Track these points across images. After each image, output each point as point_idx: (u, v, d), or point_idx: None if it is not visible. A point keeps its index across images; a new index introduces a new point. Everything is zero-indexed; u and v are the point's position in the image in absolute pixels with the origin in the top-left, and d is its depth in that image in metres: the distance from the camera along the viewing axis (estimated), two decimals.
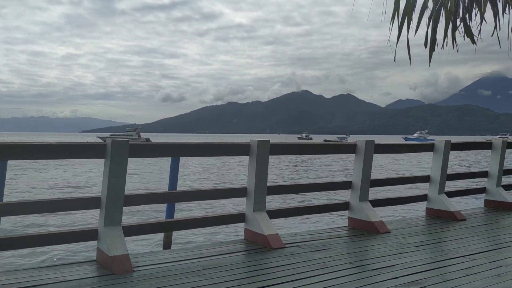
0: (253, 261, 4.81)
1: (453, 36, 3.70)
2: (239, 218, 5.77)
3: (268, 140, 5.64)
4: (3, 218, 5.18)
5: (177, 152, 5.98)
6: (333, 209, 7.09)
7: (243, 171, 31.22)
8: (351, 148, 6.67)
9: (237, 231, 11.21)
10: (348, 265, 4.63)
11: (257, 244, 5.41)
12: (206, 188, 12.39)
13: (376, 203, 6.88)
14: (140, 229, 5.27)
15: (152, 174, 30.55)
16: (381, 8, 3.66)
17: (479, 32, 3.79)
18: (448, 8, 3.59)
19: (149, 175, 29.84)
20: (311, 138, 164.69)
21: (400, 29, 3.69)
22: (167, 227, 6.36)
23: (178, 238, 10.90)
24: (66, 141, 4.64)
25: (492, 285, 4.09)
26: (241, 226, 5.83)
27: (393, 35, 3.67)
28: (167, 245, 7.78)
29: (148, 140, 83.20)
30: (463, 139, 11.35)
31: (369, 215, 6.35)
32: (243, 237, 5.75)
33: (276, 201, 15.23)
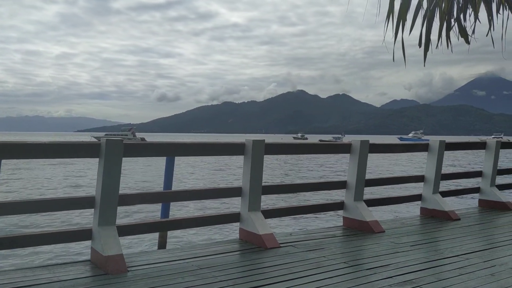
0: (248, 260, 4.81)
1: (448, 36, 3.71)
2: (234, 217, 5.76)
3: (263, 140, 5.64)
4: None
5: (172, 151, 5.97)
6: (328, 208, 7.10)
7: (238, 171, 31.21)
8: (346, 148, 6.68)
9: (232, 231, 11.21)
10: (342, 265, 4.64)
11: (252, 243, 5.40)
12: (201, 188, 12.37)
13: (370, 202, 6.90)
14: (135, 229, 5.25)
15: (146, 174, 30.48)
16: (376, 8, 3.66)
17: (473, 32, 3.80)
18: (442, 8, 3.60)
19: (144, 175, 29.77)
20: (306, 138, 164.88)
21: (396, 29, 3.70)
22: (161, 227, 6.34)
23: (173, 238, 10.88)
24: (60, 141, 4.62)
25: (486, 284, 4.11)
26: (236, 226, 5.83)
27: (388, 35, 3.68)
28: (162, 245, 7.76)
29: (143, 139, 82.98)
30: (458, 139, 11.40)
31: (364, 215, 6.37)
32: (238, 236, 5.75)
33: (271, 201, 15.23)
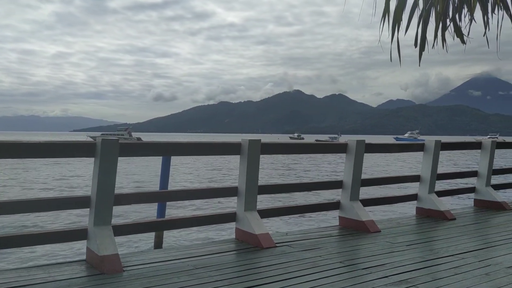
0: (244, 260, 4.81)
1: (443, 36, 3.72)
2: (230, 217, 5.76)
3: (259, 140, 5.64)
4: None
5: (168, 151, 5.96)
6: (324, 208, 7.10)
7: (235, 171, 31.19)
8: (342, 148, 6.69)
9: (228, 231, 11.20)
10: (338, 264, 4.64)
11: (248, 243, 5.40)
12: (197, 188, 12.38)
13: (366, 202, 6.90)
14: (131, 229, 5.24)
15: (143, 174, 30.43)
16: (372, 8, 3.67)
17: (468, 32, 3.81)
18: (438, 8, 3.61)
19: (141, 176, 29.72)
20: (303, 138, 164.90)
21: (393, 29, 3.70)
22: (157, 227, 6.34)
23: (169, 237, 10.87)
24: (55, 140, 4.60)
25: (481, 283, 4.12)
26: (232, 226, 5.83)
27: (384, 35, 3.69)
28: (158, 245, 7.76)
29: (139, 139, 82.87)
30: (453, 139, 11.43)
31: (360, 215, 6.38)
32: (234, 236, 5.75)
33: (267, 201, 15.23)
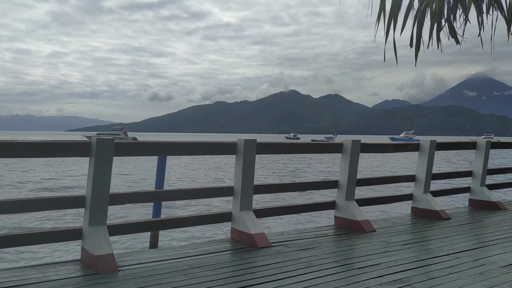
0: (239, 260, 4.81)
1: (438, 37, 3.73)
2: (226, 217, 5.75)
3: (255, 139, 5.64)
4: None
5: (163, 151, 5.95)
6: (320, 208, 7.11)
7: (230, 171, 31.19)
8: (338, 148, 6.70)
9: (223, 230, 11.19)
10: (334, 264, 4.65)
11: (243, 243, 5.40)
12: (193, 187, 12.36)
13: (362, 202, 6.92)
14: (126, 229, 5.22)
15: (139, 174, 30.38)
16: (368, 8, 3.67)
17: (463, 32, 3.83)
18: (433, 8, 3.62)
19: (136, 176, 29.66)
20: (298, 138, 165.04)
21: (387, 29, 3.71)
22: (153, 227, 6.32)
23: (164, 237, 10.85)
24: (50, 140, 4.58)
25: (475, 283, 4.14)
26: (228, 225, 5.82)
27: (379, 35, 3.69)
28: (154, 245, 7.75)
29: (135, 139, 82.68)
30: (449, 139, 11.48)
31: (355, 214, 6.39)
32: (229, 236, 5.74)
33: (263, 200, 15.23)
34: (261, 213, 6.05)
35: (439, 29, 3.73)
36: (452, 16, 3.82)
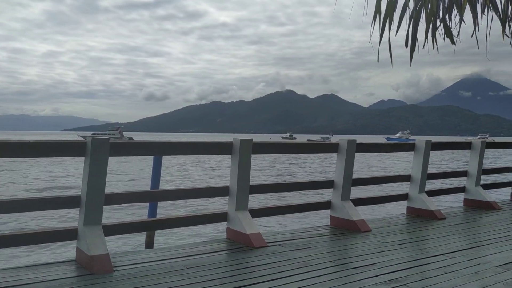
0: (235, 260, 4.80)
1: (433, 37, 3.74)
2: (222, 217, 5.75)
3: (251, 139, 5.64)
4: None
5: (159, 150, 5.93)
6: (315, 208, 7.11)
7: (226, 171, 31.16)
8: (333, 148, 6.71)
9: (219, 230, 11.18)
10: (329, 264, 4.66)
11: (239, 243, 5.40)
12: (188, 187, 12.35)
13: (357, 202, 6.93)
14: (121, 229, 5.21)
15: (135, 174, 30.31)
16: (364, 9, 3.67)
17: (458, 33, 3.84)
18: (428, 8, 3.63)
19: (132, 175, 29.60)
20: (294, 138, 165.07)
21: (382, 29, 3.71)
22: (148, 227, 6.31)
23: (160, 237, 10.83)
24: (45, 139, 4.56)
25: (470, 282, 4.16)
26: (224, 225, 5.82)
27: (375, 35, 3.69)
28: (149, 245, 7.73)
29: (130, 139, 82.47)
30: (444, 139, 11.51)
31: (351, 214, 6.40)
32: (225, 236, 5.74)
33: (259, 200, 15.24)
34: (257, 213, 6.05)
35: (435, 29, 3.74)
36: (447, 16, 3.83)
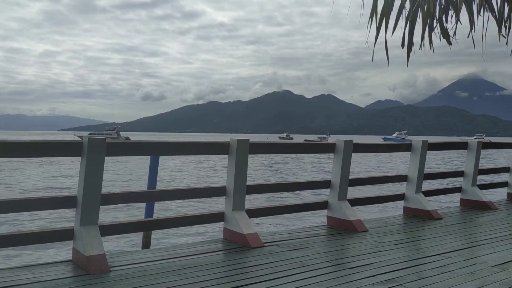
0: (232, 260, 4.80)
1: (430, 37, 3.75)
2: (218, 217, 5.75)
3: (248, 139, 5.63)
4: None
5: (156, 150, 5.92)
6: (312, 208, 7.12)
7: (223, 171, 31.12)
8: (330, 148, 6.71)
9: (216, 230, 11.18)
10: (326, 264, 4.66)
11: (236, 243, 5.39)
12: (185, 187, 12.33)
13: (354, 202, 6.93)
14: (118, 229, 5.20)
15: (132, 174, 30.26)
16: (361, 9, 3.69)
17: (454, 33, 3.85)
18: (425, 9, 3.64)
19: (129, 175, 29.55)
20: (292, 138, 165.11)
21: (378, 30, 3.72)
22: (145, 227, 6.30)
23: (157, 237, 10.82)
24: (41, 139, 4.55)
25: (466, 282, 4.17)
26: (220, 225, 5.82)
27: (372, 36, 3.71)
28: (146, 245, 7.72)
29: (127, 139, 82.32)
30: (440, 140, 11.54)
31: (348, 214, 6.41)
32: (222, 236, 5.73)
33: (255, 200, 15.23)
34: (254, 213, 6.05)
35: (431, 29, 3.75)
36: (444, 17, 3.84)
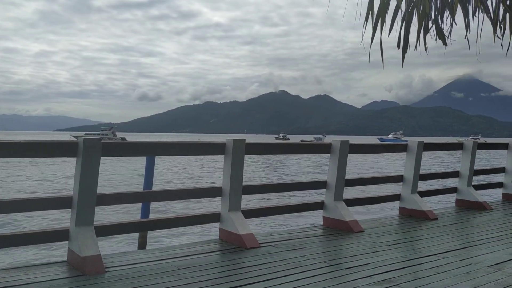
0: (228, 260, 4.80)
1: (425, 39, 3.76)
2: (214, 217, 5.74)
3: (244, 140, 5.63)
4: None
5: (151, 151, 5.92)
6: (308, 208, 7.12)
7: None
8: (326, 148, 6.72)
9: (212, 231, 11.16)
10: (322, 264, 4.66)
11: (232, 243, 5.39)
12: (181, 188, 12.31)
13: (350, 202, 6.95)
14: (113, 229, 5.19)
15: (128, 175, 30.20)
16: (357, 10, 3.69)
17: (449, 34, 3.86)
18: (420, 10, 3.65)
19: (124, 176, 29.48)
20: (288, 138, 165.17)
21: (374, 30, 3.72)
22: (141, 227, 6.28)
23: (154, 238, 10.79)
24: (36, 139, 4.53)
25: (461, 282, 4.18)
26: (216, 226, 5.81)
27: (367, 36, 3.72)
28: (142, 245, 7.70)
29: (123, 139, 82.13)
30: (436, 140, 11.58)
31: (344, 215, 6.41)
32: (218, 236, 5.73)
33: (252, 201, 15.23)
34: (250, 213, 6.05)
35: (426, 30, 3.76)
36: (439, 17, 3.85)
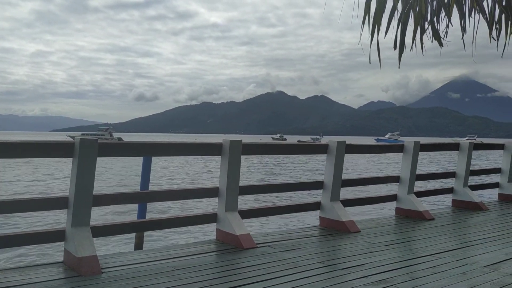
0: (225, 261, 4.79)
1: (421, 40, 3.77)
2: (211, 218, 5.73)
3: (240, 140, 5.63)
4: None
5: (148, 151, 5.90)
6: (305, 209, 7.12)
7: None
8: (323, 149, 6.73)
9: (209, 231, 11.15)
10: (318, 265, 4.67)
11: (228, 244, 5.39)
12: (178, 188, 12.29)
13: (347, 203, 6.95)
14: (110, 230, 5.17)
15: (126, 175, 30.14)
16: (353, 10, 3.70)
17: (446, 35, 3.88)
18: (417, 11, 3.66)
19: (122, 177, 29.43)
20: (285, 139, 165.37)
21: (372, 31, 3.73)
22: (137, 228, 6.27)
23: (151, 238, 10.78)
24: (32, 140, 4.51)
25: (457, 282, 4.19)
26: (213, 226, 5.81)
27: (364, 37, 3.73)
28: (139, 246, 7.70)
29: (120, 139, 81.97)
30: (433, 141, 11.61)
31: (340, 215, 6.42)
32: (214, 237, 5.72)
33: (249, 201, 15.24)
34: (247, 214, 6.04)
35: (423, 31, 3.77)
36: (435, 19, 3.86)
